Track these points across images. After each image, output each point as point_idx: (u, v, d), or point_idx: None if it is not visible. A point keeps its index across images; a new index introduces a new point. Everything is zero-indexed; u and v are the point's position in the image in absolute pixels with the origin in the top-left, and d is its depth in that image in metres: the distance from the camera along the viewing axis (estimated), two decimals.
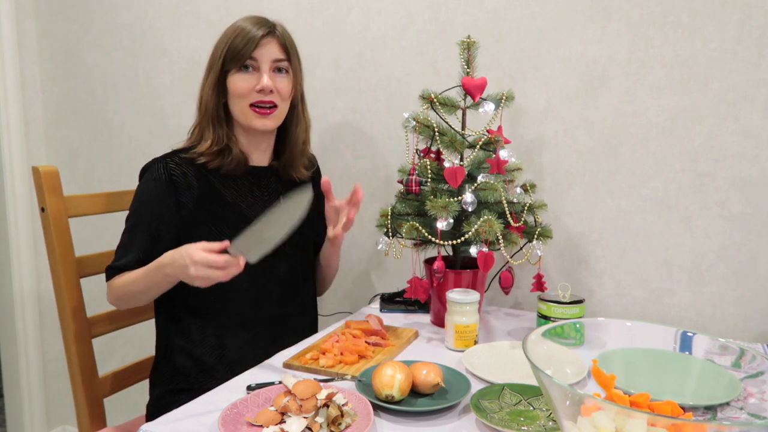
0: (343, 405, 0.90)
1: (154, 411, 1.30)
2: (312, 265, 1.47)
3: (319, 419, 0.86)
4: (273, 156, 1.38)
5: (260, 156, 1.35)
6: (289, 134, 1.35)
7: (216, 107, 1.27)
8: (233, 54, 1.24)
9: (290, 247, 1.35)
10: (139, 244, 1.25)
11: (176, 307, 1.31)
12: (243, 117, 1.27)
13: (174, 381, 1.31)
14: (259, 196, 1.34)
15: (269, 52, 1.25)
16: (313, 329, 1.44)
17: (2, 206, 2.14)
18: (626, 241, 1.43)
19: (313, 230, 1.45)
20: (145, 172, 1.30)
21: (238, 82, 1.25)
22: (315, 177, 1.46)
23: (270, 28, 1.26)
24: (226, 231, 1.28)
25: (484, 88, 1.29)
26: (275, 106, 1.27)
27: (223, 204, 1.29)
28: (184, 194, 1.26)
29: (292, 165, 1.37)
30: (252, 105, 1.25)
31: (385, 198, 1.67)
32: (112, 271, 1.27)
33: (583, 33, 1.41)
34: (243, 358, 1.29)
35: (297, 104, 1.34)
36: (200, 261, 1.08)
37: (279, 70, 1.27)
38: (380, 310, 1.48)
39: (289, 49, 1.28)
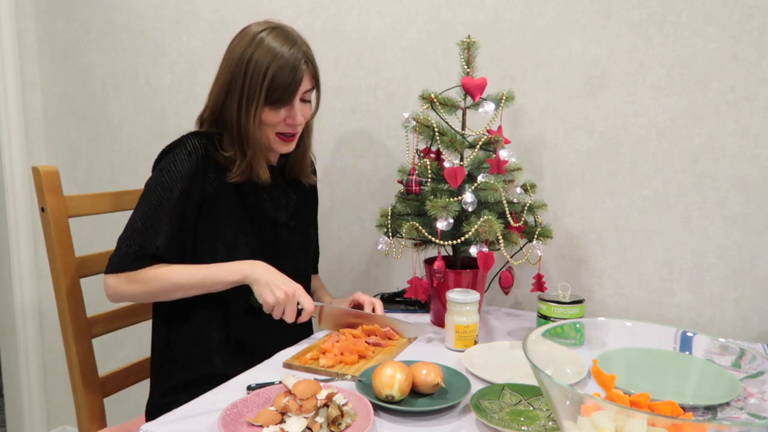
0: (343, 405, 0.90)
1: (154, 410, 1.30)
2: (311, 265, 1.50)
3: (319, 419, 0.86)
4: (281, 156, 1.40)
5: (272, 158, 1.38)
6: (301, 143, 1.37)
7: (259, 137, 1.26)
8: (279, 94, 1.21)
9: (297, 246, 1.38)
10: (172, 225, 1.20)
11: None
12: (268, 142, 1.29)
13: (175, 377, 1.30)
14: (270, 194, 1.36)
15: (303, 85, 1.24)
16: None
17: (2, 206, 2.14)
18: (626, 241, 1.43)
19: (315, 230, 1.50)
20: (173, 148, 1.26)
21: (271, 116, 1.24)
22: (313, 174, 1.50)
23: (305, 60, 1.23)
24: (244, 221, 1.29)
25: (484, 88, 1.29)
26: (297, 132, 1.30)
27: (242, 196, 1.30)
28: (213, 173, 1.26)
29: (302, 172, 1.40)
30: (278, 133, 1.27)
31: (385, 198, 1.67)
32: (143, 260, 1.18)
33: (583, 33, 1.41)
34: (247, 346, 1.30)
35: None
36: (302, 298, 1.20)
37: (305, 99, 1.28)
38: None
39: (317, 79, 1.29)
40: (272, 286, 1.17)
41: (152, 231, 1.19)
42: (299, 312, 1.20)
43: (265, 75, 1.20)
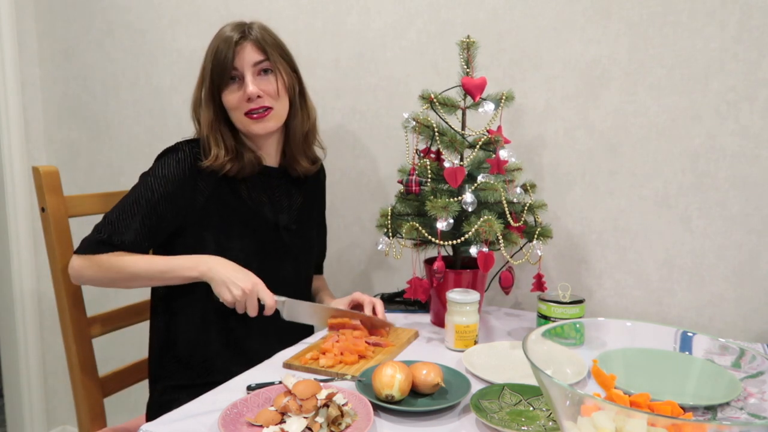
0: (343, 405, 0.90)
1: (155, 409, 1.30)
2: (313, 267, 1.49)
3: (319, 419, 0.86)
4: (282, 155, 1.39)
5: (271, 156, 1.37)
6: (289, 129, 1.35)
7: (216, 121, 1.27)
8: (218, 70, 1.24)
9: (298, 249, 1.38)
10: (144, 223, 1.22)
11: (179, 296, 1.30)
12: (243, 126, 1.28)
13: (176, 376, 1.30)
14: (271, 196, 1.35)
15: (247, 57, 1.24)
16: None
17: (2, 206, 2.14)
18: (626, 241, 1.43)
19: (322, 230, 1.49)
20: (166, 153, 1.27)
21: (228, 96, 1.26)
22: (320, 175, 1.49)
23: (242, 33, 1.24)
24: (240, 225, 1.29)
25: (484, 88, 1.29)
26: (270, 107, 1.26)
27: (238, 199, 1.30)
28: (205, 180, 1.26)
29: (294, 160, 1.38)
30: (246, 114, 1.26)
31: (385, 198, 1.67)
32: (106, 247, 1.20)
33: (583, 33, 1.41)
34: (247, 350, 1.30)
35: (294, 99, 1.33)
36: (261, 293, 1.18)
37: (264, 71, 1.27)
38: None
39: (267, 49, 1.25)
40: (229, 284, 1.17)
41: (123, 225, 1.21)
42: (262, 306, 1.21)
43: (210, 57, 1.25)
